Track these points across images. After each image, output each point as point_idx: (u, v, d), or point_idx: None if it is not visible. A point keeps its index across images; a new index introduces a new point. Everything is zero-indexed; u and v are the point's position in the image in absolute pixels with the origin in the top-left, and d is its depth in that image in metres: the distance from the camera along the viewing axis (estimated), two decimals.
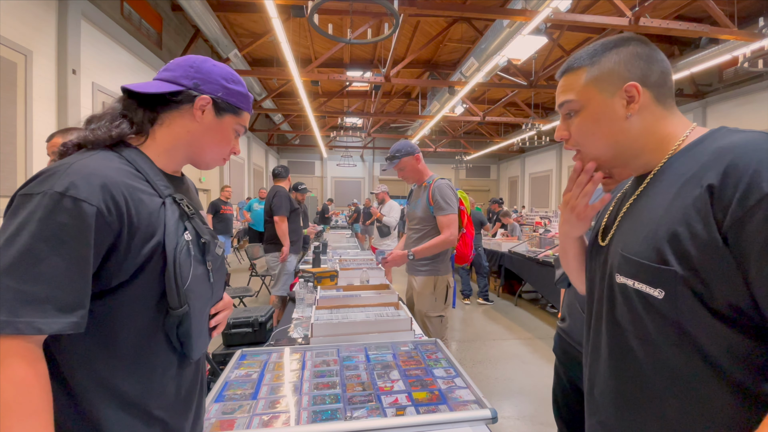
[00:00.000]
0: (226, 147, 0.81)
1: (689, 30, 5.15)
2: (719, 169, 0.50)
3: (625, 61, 0.62)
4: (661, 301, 0.54)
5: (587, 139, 0.66)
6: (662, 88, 0.62)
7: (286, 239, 3.56)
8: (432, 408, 1.00)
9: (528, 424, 2.37)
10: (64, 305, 0.55)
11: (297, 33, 7.51)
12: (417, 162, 2.22)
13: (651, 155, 0.63)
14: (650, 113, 0.62)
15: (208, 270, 0.76)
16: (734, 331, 0.49)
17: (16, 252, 0.54)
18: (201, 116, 0.74)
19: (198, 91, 0.74)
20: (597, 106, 0.63)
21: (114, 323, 0.63)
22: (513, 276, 5.16)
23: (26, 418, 0.52)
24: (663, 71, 0.62)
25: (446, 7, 5.25)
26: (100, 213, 0.58)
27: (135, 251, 0.63)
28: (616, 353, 0.63)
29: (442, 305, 2.13)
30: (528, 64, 7.95)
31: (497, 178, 19.96)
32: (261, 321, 1.77)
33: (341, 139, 16.15)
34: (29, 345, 0.55)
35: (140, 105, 0.73)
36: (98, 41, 4.95)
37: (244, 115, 0.81)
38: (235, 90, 0.78)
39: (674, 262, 0.52)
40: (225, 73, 0.78)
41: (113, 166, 0.64)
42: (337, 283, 2.31)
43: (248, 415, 0.97)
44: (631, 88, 0.61)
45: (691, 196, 0.52)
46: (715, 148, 0.54)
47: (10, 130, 3.71)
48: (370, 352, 1.36)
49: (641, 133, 0.62)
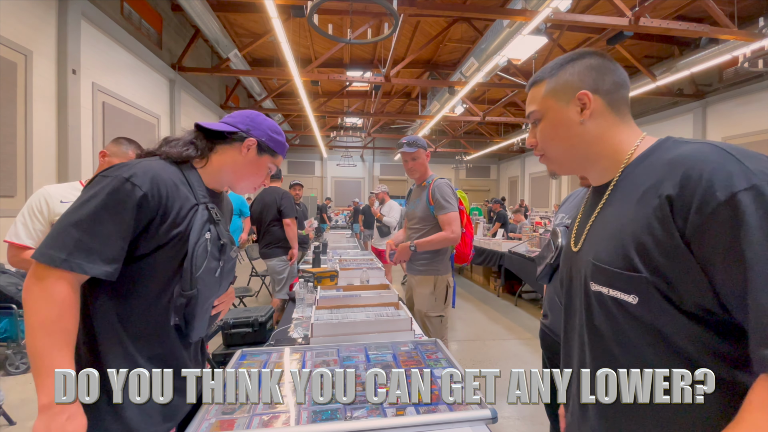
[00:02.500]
0: (259, 179, 1.03)
1: (689, 30, 5.15)
2: (675, 180, 0.54)
3: (578, 72, 0.68)
4: (635, 306, 0.57)
5: (549, 144, 0.72)
6: (614, 95, 0.67)
7: (295, 241, 3.52)
8: (432, 408, 1.00)
9: (528, 424, 2.37)
10: (106, 257, 0.75)
11: (297, 33, 7.51)
12: (427, 158, 2.26)
13: (607, 161, 0.68)
14: (604, 120, 0.67)
15: (220, 267, 0.93)
16: (704, 329, 0.53)
17: (86, 212, 0.75)
18: (246, 153, 0.97)
19: (249, 134, 0.97)
20: (555, 113, 0.69)
21: (134, 288, 0.82)
22: (513, 276, 5.16)
23: (52, 334, 0.70)
24: (616, 81, 0.67)
25: (446, 7, 5.25)
26: (145, 197, 0.79)
27: (161, 233, 0.82)
28: (598, 359, 0.65)
29: (442, 305, 2.13)
30: (528, 64, 7.95)
31: (497, 178, 19.95)
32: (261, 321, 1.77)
33: (341, 139, 16.14)
34: (74, 282, 0.75)
35: (206, 137, 0.97)
36: (98, 41, 4.94)
37: (279, 158, 1.04)
38: (276, 139, 1.02)
39: (643, 269, 0.55)
40: (272, 125, 1.02)
41: (168, 170, 0.86)
42: (337, 283, 2.30)
43: (248, 415, 0.97)
44: (583, 95, 0.66)
45: (651, 206, 0.56)
46: (668, 159, 0.58)
47: (10, 130, 3.70)
48: (370, 352, 1.36)
49: (596, 137, 0.67)
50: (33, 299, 0.71)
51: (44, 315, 0.70)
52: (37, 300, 0.71)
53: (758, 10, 6.16)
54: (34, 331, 0.70)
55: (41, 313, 0.70)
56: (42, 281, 0.72)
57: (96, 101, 4.91)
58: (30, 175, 3.89)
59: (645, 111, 10.27)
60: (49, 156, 4.17)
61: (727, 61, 5.91)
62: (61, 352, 0.70)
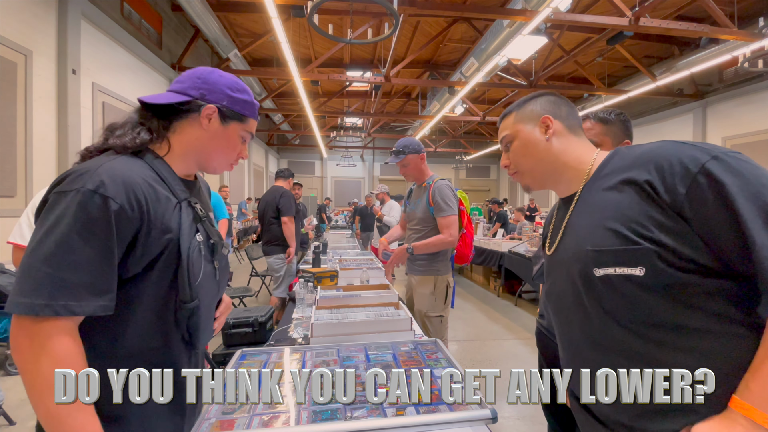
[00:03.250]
0: (233, 153, 0.85)
1: (689, 30, 5.15)
2: (648, 168, 0.64)
3: (540, 103, 0.85)
4: (643, 278, 0.62)
5: (521, 160, 0.86)
6: (570, 121, 0.84)
7: (293, 240, 3.53)
8: (432, 408, 1.00)
9: (528, 424, 2.37)
10: (94, 290, 0.62)
11: (297, 33, 7.51)
12: (421, 161, 2.22)
13: (572, 173, 0.81)
14: (564, 138, 0.82)
15: (216, 268, 0.84)
16: (707, 279, 0.60)
17: (53, 243, 0.60)
18: (208, 124, 0.80)
19: (204, 100, 0.79)
20: (524, 135, 0.85)
21: (129, 312, 0.70)
22: (513, 276, 5.16)
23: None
24: (569, 110, 0.84)
25: (446, 7, 5.25)
26: (122, 209, 0.65)
27: (150, 246, 0.70)
28: (615, 346, 0.67)
29: (442, 305, 2.13)
30: (528, 64, 7.95)
31: (497, 178, 19.95)
32: (261, 321, 1.77)
33: (341, 139, 16.14)
34: (69, 325, 0.62)
35: (154, 115, 0.79)
36: (98, 41, 4.94)
37: (250, 122, 0.85)
38: (239, 98, 0.82)
39: (643, 242, 0.62)
40: (230, 82, 0.82)
41: (136, 170, 0.71)
42: (337, 283, 2.30)
43: (248, 415, 0.97)
44: (546, 119, 0.82)
45: (630, 191, 0.65)
46: (632, 158, 0.69)
47: (10, 130, 3.70)
48: (370, 352, 1.35)
49: (560, 152, 0.82)
50: (28, 361, 0.59)
51: (49, 374, 0.58)
52: (35, 363, 0.59)
53: (758, 10, 6.16)
54: (42, 394, 0.58)
55: (45, 372, 0.58)
56: (32, 339, 0.59)
57: (96, 101, 4.91)
58: (30, 175, 3.89)
59: (645, 111, 10.26)
60: (49, 156, 4.17)
61: (727, 61, 5.91)
62: (83, 413, 0.60)
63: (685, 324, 0.61)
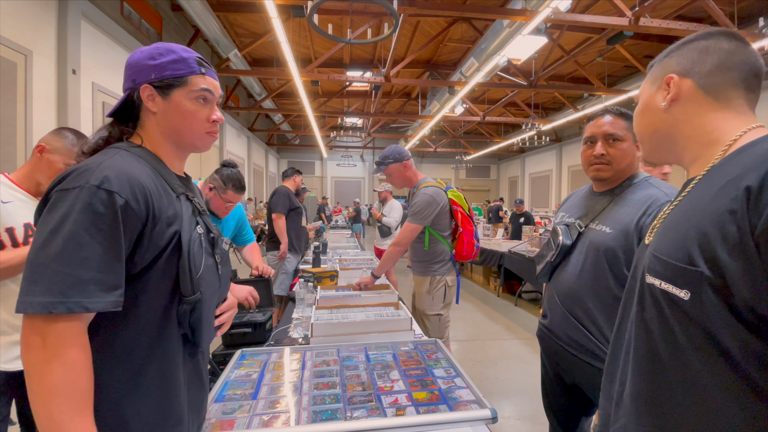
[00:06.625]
0: (197, 121, 0.77)
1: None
2: (761, 171, 0.48)
3: (680, 54, 0.65)
4: (686, 303, 0.53)
5: (637, 126, 0.73)
6: (714, 78, 0.61)
7: (283, 237, 3.55)
8: (432, 408, 1.00)
9: (528, 424, 2.37)
10: (105, 286, 0.62)
11: (297, 33, 7.51)
12: (405, 169, 2.21)
13: (701, 150, 0.62)
14: (694, 104, 0.63)
15: (216, 262, 0.82)
16: (755, 337, 0.48)
17: (62, 240, 0.60)
18: (154, 105, 0.75)
19: (137, 84, 0.74)
20: (645, 96, 0.70)
21: (133, 308, 0.68)
22: (513, 276, 5.16)
23: (70, 398, 0.58)
24: (720, 63, 0.61)
25: (446, 7, 5.25)
26: (128, 204, 0.65)
27: (156, 239, 0.69)
28: (642, 356, 0.62)
29: (440, 303, 2.14)
30: (528, 64, 7.96)
31: (497, 178, 19.95)
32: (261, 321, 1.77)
33: (341, 139, 16.16)
34: (80, 325, 0.61)
35: (116, 122, 0.78)
36: (98, 41, 4.95)
37: (192, 80, 0.76)
38: (164, 62, 0.74)
39: (701, 264, 0.51)
40: (149, 52, 0.75)
41: (135, 165, 0.70)
42: (337, 283, 2.31)
43: (248, 415, 0.97)
44: (669, 79, 0.64)
45: (728, 197, 0.51)
46: (763, 150, 0.52)
47: (10, 130, 3.70)
48: (370, 352, 1.36)
49: (681, 122, 0.64)
50: (38, 361, 0.58)
51: (57, 378, 0.58)
52: (45, 362, 0.58)
53: (758, 10, 6.16)
54: (47, 398, 0.57)
55: (53, 376, 0.57)
56: (45, 339, 0.58)
57: (96, 101, 4.91)
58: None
59: None
60: None
61: None
62: (84, 419, 0.59)
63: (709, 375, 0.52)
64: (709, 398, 0.52)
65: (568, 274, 1.22)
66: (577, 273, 1.18)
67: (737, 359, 0.50)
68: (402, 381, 1.14)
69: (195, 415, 0.80)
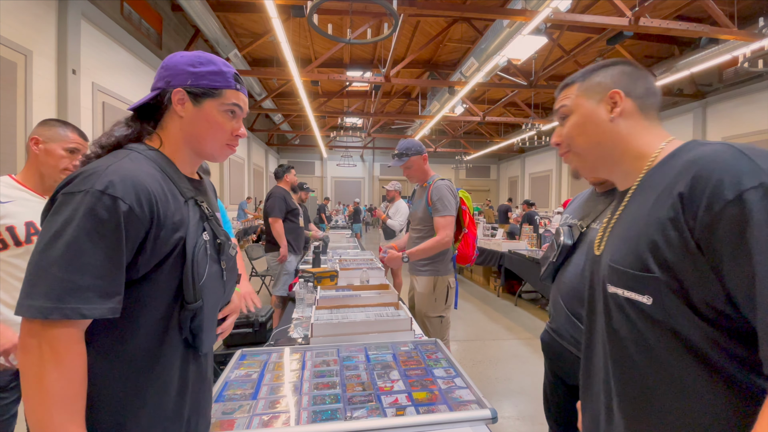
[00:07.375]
0: (221, 133, 0.78)
1: (689, 30, 5.14)
2: (687, 178, 0.54)
3: (612, 75, 0.71)
4: (650, 307, 0.57)
5: (575, 140, 0.74)
6: (645, 101, 0.69)
7: (282, 240, 3.55)
8: (432, 408, 1.00)
9: (528, 424, 2.36)
10: (103, 292, 0.61)
11: (297, 33, 7.51)
12: (424, 162, 2.22)
13: (630, 164, 0.69)
14: (634, 121, 0.69)
15: (222, 269, 0.81)
16: (717, 331, 0.52)
17: (63, 245, 0.60)
18: (182, 110, 0.76)
19: (170, 87, 0.75)
20: (585, 110, 0.72)
21: (135, 312, 0.68)
22: (513, 276, 5.16)
23: (62, 403, 0.58)
24: (648, 88, 0.70)
25: (446, 7, 5.24)
26: (132, 210, 0.64)
27: (160, 245, 0.68)
28: (618, 363, 0.64)
29: (442, 306, 2.13)
30: (528, 64, 7.95)
31: (497, 178, 19.95)
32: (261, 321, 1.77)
33: (341, 139, 16.15)
34: (77, 331, 0.61)
35: (138, 118, 0.78)
36: (98, 41, 4.94)
37: (226, 93, 0.77)
38: (204, 72, 0.76)
39: (656, 269, 0.55)
40: (190, 59, 0.76)
41: (143, 169, 0.69)
42: (337, 283, 2.30)
43: (248, 415, 0.97)
44: (614, 94, 0.69)
45: (665, 205, 0.56)
46: (685, 160, 0.57)
47: (10, 130, 3.70)
48: (370, 352, 1.36)
49: (623, 137, 0.69)
50: (33, 364, 0.59)
51: (51, 383, 0.58)
52: (40, 366, 0.58)
53: (758, 10, 6.16)
54: (40, 401, 0.58)
55: (47, 380, 0.58)
56: (41, 342, 0.59)
57: (96, 101, 4.91)
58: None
59: None
60: None
61: (727, 61, 5.91)
62: (75, 425, 0.59)
63: (683, 371, 0.55)
64: (689, 394, 0.55)
65: (570, 274, 1.22)
66: (579, 273, 1.19)
67: (706, 354, 0.53)
68: (402, 381, 1.14)
69: (200, 417, 0.80)
